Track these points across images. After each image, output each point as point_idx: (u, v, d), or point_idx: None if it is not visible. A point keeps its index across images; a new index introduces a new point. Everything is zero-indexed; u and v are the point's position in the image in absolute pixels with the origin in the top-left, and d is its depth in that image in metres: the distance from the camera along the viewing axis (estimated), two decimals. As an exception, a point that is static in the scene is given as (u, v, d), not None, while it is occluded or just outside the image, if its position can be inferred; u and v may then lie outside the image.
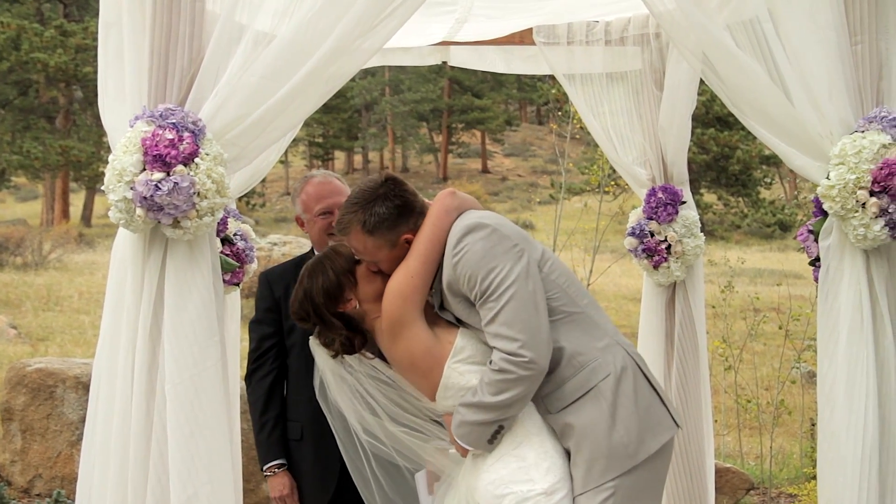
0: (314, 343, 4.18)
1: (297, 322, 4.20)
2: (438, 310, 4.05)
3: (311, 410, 4.73)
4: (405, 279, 3.91)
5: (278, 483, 4.90)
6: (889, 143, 3.81)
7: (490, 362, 3.78)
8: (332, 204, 4.81)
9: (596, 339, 3.90)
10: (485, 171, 64.47)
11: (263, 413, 4.90)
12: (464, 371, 3.89)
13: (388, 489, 4.27)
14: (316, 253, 4.95)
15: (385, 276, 4.01)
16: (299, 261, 5.01)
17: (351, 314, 4.06)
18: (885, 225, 3.82)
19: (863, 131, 3.87)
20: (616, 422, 3.78)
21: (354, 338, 4.04)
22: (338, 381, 4.17)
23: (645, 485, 3.84)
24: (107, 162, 3.57)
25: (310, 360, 4.72)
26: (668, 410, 3.93)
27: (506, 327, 3.72)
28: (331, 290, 4.03)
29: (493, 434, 3.82)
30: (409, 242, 3.97)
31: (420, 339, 3.90)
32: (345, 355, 4.11)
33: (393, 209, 3.95)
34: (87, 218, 45.85)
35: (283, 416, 4.92)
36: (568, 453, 3.87)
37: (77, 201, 48.26)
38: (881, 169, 3.79)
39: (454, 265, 3.85)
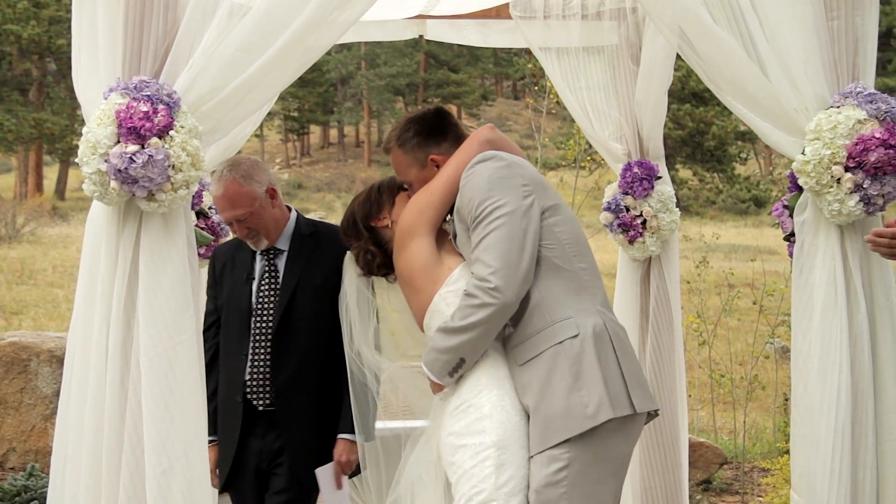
0: (348, 259, 4.45)
1: (343, 238, 4.42)
2: (453, 238, 4.11)
3: (225, 387, 4.80)
4: (425, 194, 4.08)
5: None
6: (864, 119, 3.82)
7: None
8: (229, 217, 4.78)
9: (576, 300, 3.86)
10: (461, 145, 64.22)
11: None
12: (451, 302, 3.92)
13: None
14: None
15: None
16: (240, 239, 4.99)
17: (381, 231, 4.28)
18: (860, 200, 3.83)
19: (838, 107, 3.88)
20: (577, 381, 3.73)
21: (377, 255, 4.27)
22: (359, 299, 4.45)
23: (602, 464, 3.75)
24: (81, 135, 3.54)
25: (230, 338, 4.84)
26: (628, 392, 3.80)
27: (485, 253, 3.76)
28: (368, 203, 4.33)
29: (455, 367, 3.85)
30: (437, 165, 4.12)
31: (422, 255, 4.01)
32: (369, 275, 4.37)
33: (424, 128, 4.19)
34: (60, 191, 45.57)
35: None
36: (528, 413, 3.84)
37: (51, 174, 47.93)
38: (856, 144, 3.80)
39: (462, 187, 3.95)
